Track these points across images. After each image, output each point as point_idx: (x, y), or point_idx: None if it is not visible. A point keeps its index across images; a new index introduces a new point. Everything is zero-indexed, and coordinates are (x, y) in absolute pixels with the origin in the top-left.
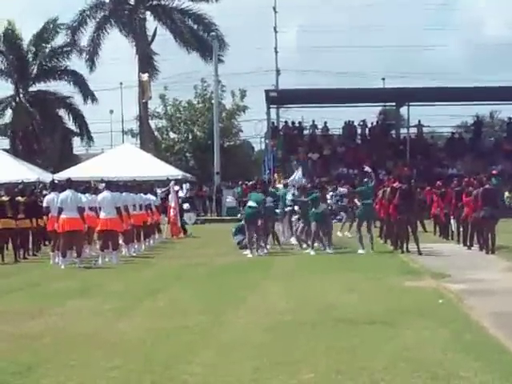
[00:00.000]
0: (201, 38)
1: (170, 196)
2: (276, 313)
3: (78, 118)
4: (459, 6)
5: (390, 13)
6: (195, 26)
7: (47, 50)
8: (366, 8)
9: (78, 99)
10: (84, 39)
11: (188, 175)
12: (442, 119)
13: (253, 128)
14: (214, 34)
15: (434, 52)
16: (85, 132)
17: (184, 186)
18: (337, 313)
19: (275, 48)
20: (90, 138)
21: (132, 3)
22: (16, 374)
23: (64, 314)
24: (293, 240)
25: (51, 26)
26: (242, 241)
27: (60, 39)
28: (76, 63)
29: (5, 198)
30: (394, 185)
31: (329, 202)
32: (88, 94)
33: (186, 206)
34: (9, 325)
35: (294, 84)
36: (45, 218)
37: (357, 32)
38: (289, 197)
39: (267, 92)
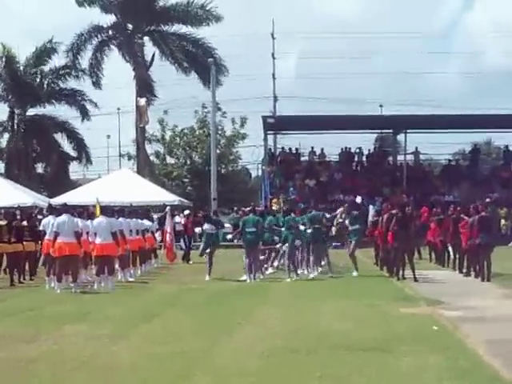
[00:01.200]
0: (200, 63)
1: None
2: (271, 339)
3: (77, 140)
4: (459, 34)
5: (389, 40)
6: (194, 51)
7: (44, 73)
8: (366, 35)
9: (76, 123)
10: (81, 63)
11: (185, 201)
12: (439, 146)
13: (250, 154)
14: (211, 59)
15: (432, 79)
16: (84, 155)
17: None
18: (332, 339)
19: (273, 74)
20: (89, 161)
21: (130, 29)
22: None
23: (60, 339)
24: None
25: (47, 48)
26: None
27: (57, 62)
28: (75, 86)
29: (2, 223)
30: (393, 211)
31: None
32: (84, 115)
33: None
34: (4, 349)
35: (292, 110)
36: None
37: (356, 59)
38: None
39: (264, 118)
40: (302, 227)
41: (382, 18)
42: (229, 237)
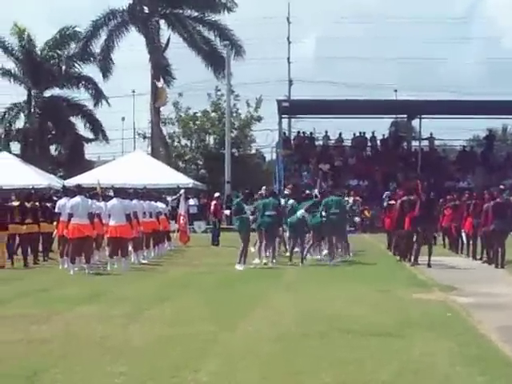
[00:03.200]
0: (214, 46)
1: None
2: (283, 323)
3: (93, 121)
4: (477, 20)
5: (406, 25)
6: (210, 34)
7: (62, 57)
8: (383, 19)
9: (91, 105)
10: (98, 46)
11: (199, 183)
12: (454, 132)
13: (264, 138)
14: (227, 42)
15: (450, 65)
16: (100, 134)
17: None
18: (344, 324)
19: (288, 58)
20: (106, 140)
21: (146, 11)
22: (23, 378)
23: (72, 320)
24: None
25: (66, 32)
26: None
27: (75, 46)
28: (90, 69)
29: (15, 204)
30: (404, 198)
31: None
32: (101, 99)
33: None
34: (17, 329)
35: (308, 94)
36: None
37: (373, 43)
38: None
39: (279, 102)
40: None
41: (400, 2)
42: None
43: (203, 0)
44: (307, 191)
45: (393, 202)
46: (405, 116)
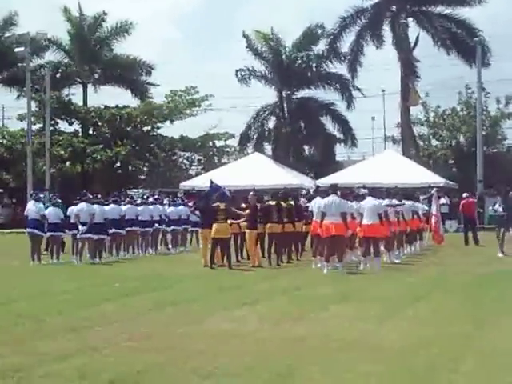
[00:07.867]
0: (464, 44)
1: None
2: None
3: (342, 123)
4: None
5: None
6: (458, 32)
7: (310, 56)
8: None
9: (339, 105)
10: (345, 46)
11: (451, 183)
12: None
13: None
14: (477, 39)
15: None
16: (349, 137)
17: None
18: None
19: None
20: (354, 144)
21: (393, 10)
22: (277, 375)
23: (326, 319)
24: None
25: (313, 31)
26: None
27: (322, 45)
28: (339, 69)
29: (271, 203)
30: None
31: None
32: (352, 102)
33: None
34: (272, 327)
35: None
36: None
37: None
38: None
39: None
40: None
41: None
42: None
43: None
44: None
45: None
46: None
